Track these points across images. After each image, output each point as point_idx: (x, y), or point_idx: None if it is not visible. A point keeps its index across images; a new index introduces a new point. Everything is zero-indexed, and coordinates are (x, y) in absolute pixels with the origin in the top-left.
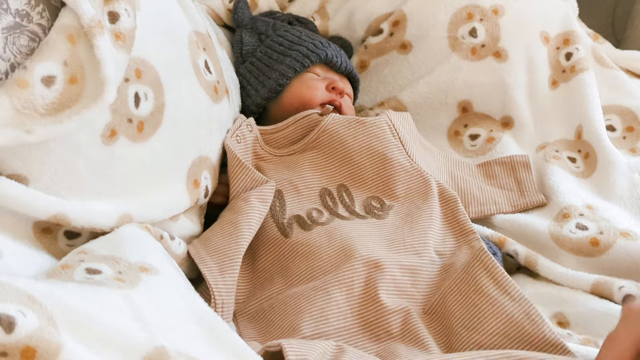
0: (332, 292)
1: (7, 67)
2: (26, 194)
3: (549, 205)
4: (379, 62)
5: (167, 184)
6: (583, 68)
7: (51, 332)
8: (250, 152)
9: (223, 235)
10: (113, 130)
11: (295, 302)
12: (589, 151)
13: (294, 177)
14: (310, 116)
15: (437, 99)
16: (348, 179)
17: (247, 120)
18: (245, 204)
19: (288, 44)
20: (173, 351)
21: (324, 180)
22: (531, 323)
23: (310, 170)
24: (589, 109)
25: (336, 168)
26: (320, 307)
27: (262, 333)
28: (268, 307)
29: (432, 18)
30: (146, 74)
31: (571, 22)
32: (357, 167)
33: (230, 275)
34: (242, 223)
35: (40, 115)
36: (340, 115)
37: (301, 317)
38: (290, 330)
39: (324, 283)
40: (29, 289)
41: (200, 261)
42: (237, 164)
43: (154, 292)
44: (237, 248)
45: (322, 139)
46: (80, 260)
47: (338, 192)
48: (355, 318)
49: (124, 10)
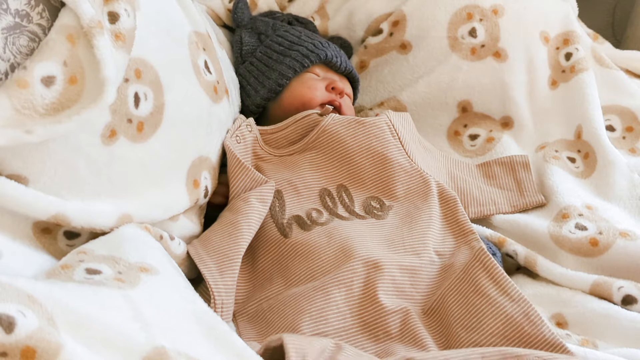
0: (332, 293)
1: (7, 68)
2: (26, 194)
3: (549, 205)
4: (379, 62)
5: (167, 184)
6: (583, 68)
7: (51, 332)
8: (250, 152)
9: (223, 236)
10: (113, 130)
11: (294, 303)
12: (589, 151)
13: (293, 177)
14: (310, 116)
15: (436, 99)
16: (347, 179)
17: (247, 120)
18: (245, 204)
19: (288, 44)
20: (173, 351)
21: (324, 180)
22: (530, 324)
23: (310, 171)
24: (589, 109)
25: (336, 168)
26: (319, 307)
27: (262, 333)
28: (267, 307)
29: (432, 18)
30: (146, 74)
31: (571, 22)
32: (356, 167)
33: (230, 275)
34: (241, 223)
35: (40, 115)
36: (339, 116)
37: (301, 317)
38: (289, 330)
39: (323, 283)
40: (29, 289)
41: (200, 261)
42: (237, 164)
43: (154, 292)
44: (237, 248)
45: (322, 139)
46: (80, 261)
47: (338, 192)
48: (354, 318)
49: (123, 11)
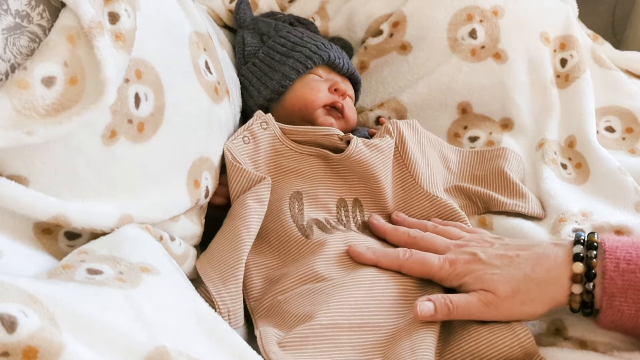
0: (351, 290)
1: (7, 68)
2: (26, 195)
3: (546, 210)
4: (379, 63)
5: (168, 185)
6: (577, 76)
7: (53, 332)
8: (264, 151)
9: (224, 245)
10: (113, 130)
11: (312, 295)
12: (581, 162)
13: (315, 182)
14: (331, 137)
15: (436, 100)
16: (363, 196)
17: (264, 116)
18: (242, 208)
19: (291, 45)
20: (174, 351)
21: (343, 190)
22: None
23: (332, 178)
24: (583, 120)
25: (355, 182)
26: (338, 301)
27: (279, 324)
28: (283, 299)
29: (432, 19)
30: (146, 74)
31: (570, 25)
32: (373, 189)
33: (233, 282)
34: (240, 228)
35: (40, 116)
36: (361, 141)
37: (319, 307)
38: (307, 318)
39: (343, 281)
40: (31, 288)
41: (204, 275)
42: (233, 168)
43: (155, 292)
44: (238, 255)
45: (346, 163)
46: (81, 261)
47: (353, 206)
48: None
49: (124, 11)
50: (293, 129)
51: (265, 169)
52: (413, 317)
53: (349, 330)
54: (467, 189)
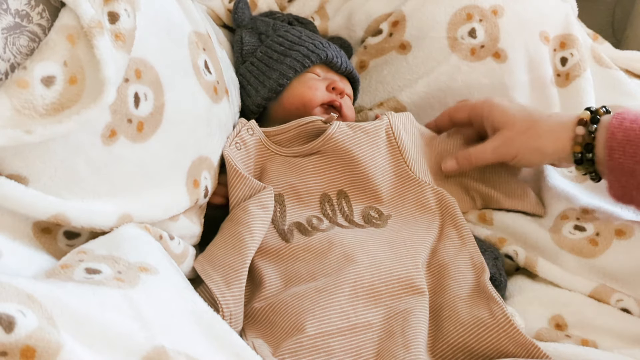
0: (335, 293)
1: (7, 68)
2: (26, 194)
3: (548, 207)
4: (378, 62)
5: (167, 184)
6: (577, 75)
7: (51, 332)
8: (253, 156)
9: (227, 248)
10: (113, 130)
11: (297, 302)
12: None
13: (296, 182)
14: (314, 123)
15: (436, 99)
16: (348, 186)
17: (248, 123)
18: (245, 214)
19: (288, 44)
20: (172, 351)
21: (325, 184)
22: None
23: (313, 175)
24: None
25: (339, 173)
26: (322, 307)
27: (267, 334)
28: (267, 306)
29: (432, 19)
30: (146, 74)
31: (570, 24)
32: (357, 176)
33: (237, 286)
34: (243, 234)
35: (40, 115)
36: (344, 124)
37: (304, 316)
38: (294, 330)
39: (326, 284)
40: (29, 288)
41: (206, 276)
42: (235, 174)
43: (154, 292)
44: (242, 259)
45: (327, 147)
46: (79, 260)
47: (337, 199)
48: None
49: (123, 11)
50: (277, 130)
51: (252, 175)
52: (402, 306)
53: (338, 335)
54: (467, 184)
